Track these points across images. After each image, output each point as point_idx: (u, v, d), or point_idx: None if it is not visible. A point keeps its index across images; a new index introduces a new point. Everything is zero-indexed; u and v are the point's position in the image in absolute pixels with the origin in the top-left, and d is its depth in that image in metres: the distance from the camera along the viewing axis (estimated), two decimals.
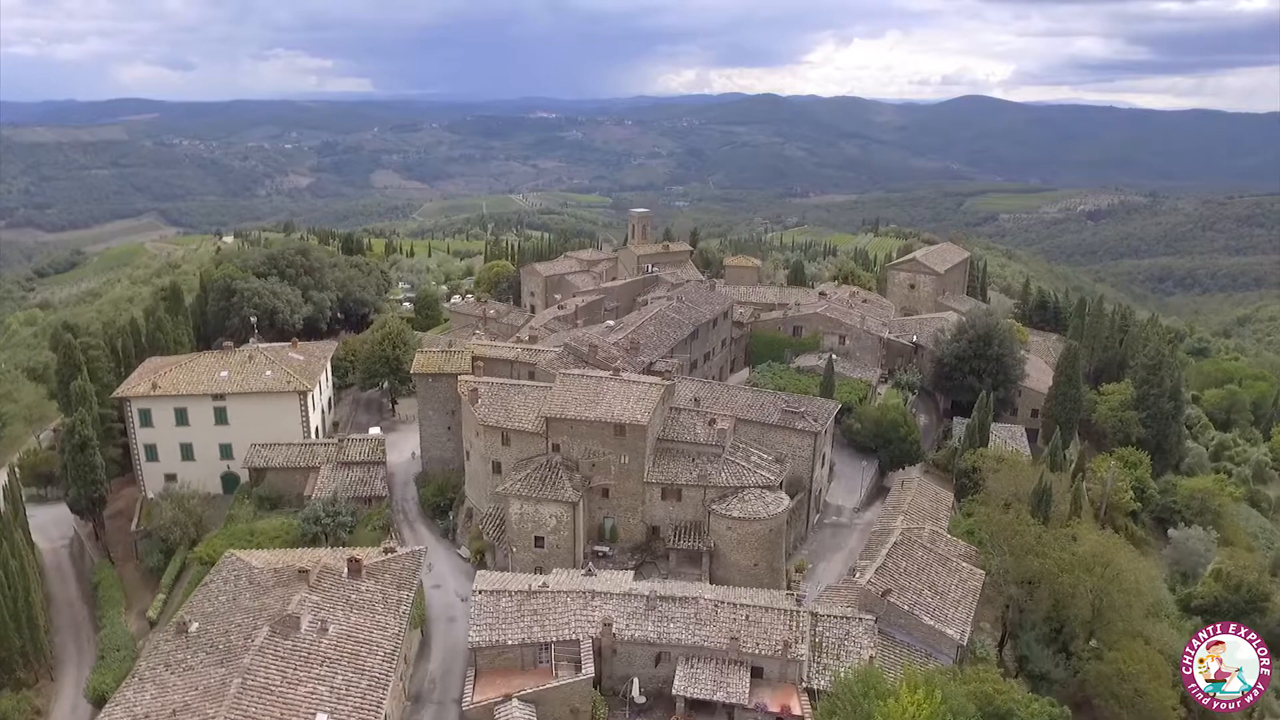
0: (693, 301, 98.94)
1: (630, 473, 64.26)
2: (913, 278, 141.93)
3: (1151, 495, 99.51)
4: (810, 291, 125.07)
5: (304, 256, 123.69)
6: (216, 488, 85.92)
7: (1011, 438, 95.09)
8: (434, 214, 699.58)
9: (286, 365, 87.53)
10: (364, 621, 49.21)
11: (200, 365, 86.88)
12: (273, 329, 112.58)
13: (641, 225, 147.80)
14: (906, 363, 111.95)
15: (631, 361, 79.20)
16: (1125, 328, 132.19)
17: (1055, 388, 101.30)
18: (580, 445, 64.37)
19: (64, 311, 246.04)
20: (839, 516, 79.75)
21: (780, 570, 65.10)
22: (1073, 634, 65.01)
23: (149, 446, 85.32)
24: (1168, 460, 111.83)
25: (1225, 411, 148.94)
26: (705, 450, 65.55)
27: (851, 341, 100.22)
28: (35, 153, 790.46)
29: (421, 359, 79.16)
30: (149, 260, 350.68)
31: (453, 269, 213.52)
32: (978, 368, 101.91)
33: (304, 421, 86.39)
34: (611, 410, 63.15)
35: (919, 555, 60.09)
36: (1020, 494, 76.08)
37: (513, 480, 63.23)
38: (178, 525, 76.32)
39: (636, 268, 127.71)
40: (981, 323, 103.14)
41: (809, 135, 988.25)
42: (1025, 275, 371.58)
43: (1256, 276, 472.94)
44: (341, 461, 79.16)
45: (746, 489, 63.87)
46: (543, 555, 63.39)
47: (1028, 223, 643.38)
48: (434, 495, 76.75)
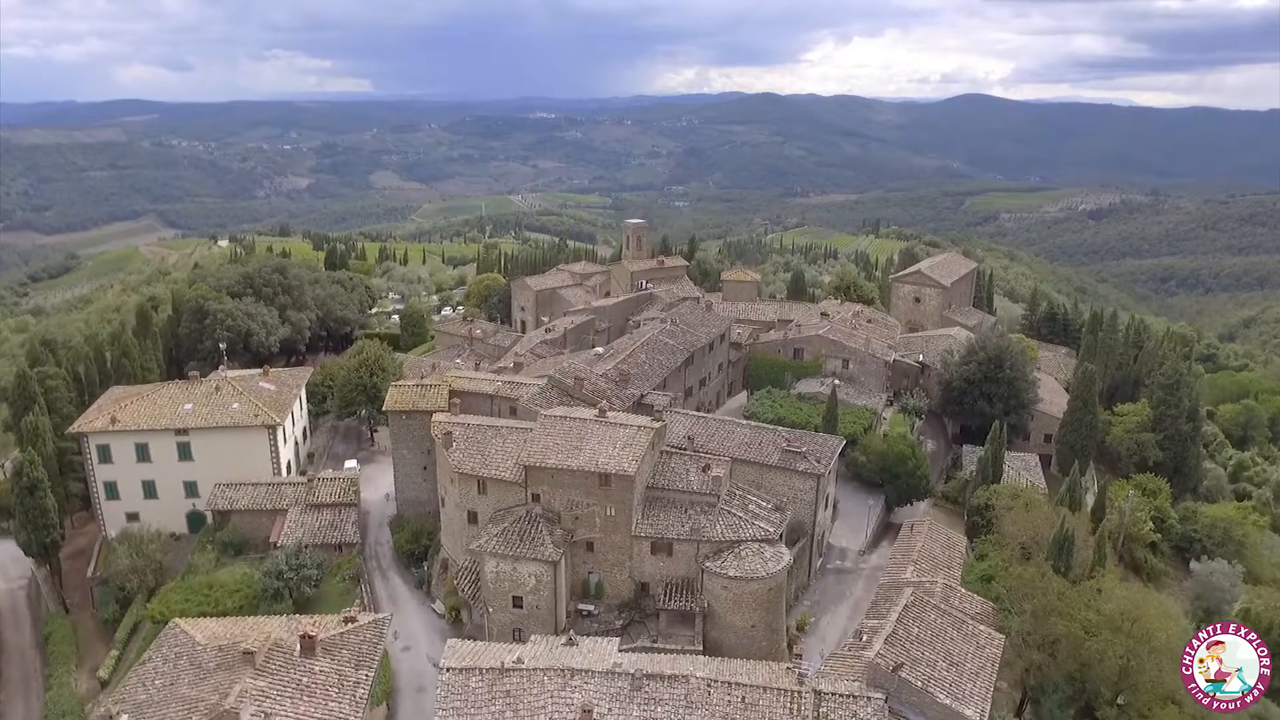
0: (688, 324, 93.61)
1: (617, 525, 58.99)
2: (918, 291, 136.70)
3: (1171, 525, 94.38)
4: (812, 308, 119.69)
5: (281, 275, 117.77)
6: (181, 526, 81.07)
7: (1026, 468, 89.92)
8: (433, 215, 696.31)
9: (255, 397, 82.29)
10: (314, 711, 43.96)
11: (163, 397, 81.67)
12: (247, 352, 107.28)
13: (636, 236, 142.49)
14: (913, 384, 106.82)
15: (621, 395, 74.07)
16: (1139, 344, 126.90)
17: (1070, 413, 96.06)
18: (562, 495, 59.09)
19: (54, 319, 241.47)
20: (843, 560, 74.52)
21: (780, 631, 59.87)
22: (1097, 693, 59.94)
23: (109, 484, 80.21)
24: (1186, 483, 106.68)
25: (1242, 427, 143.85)
26: (699, 499, 60.25)
27: (855, 365, 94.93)
28: (33, 154, 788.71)
29: (395, 394, 73.81)
30: (142, 266, 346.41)
31: (445, 278, 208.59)
32: (988, 391, 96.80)
33: (274, 457, 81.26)
34: (596, 458, 57.85)
35: (932, 619, 54.74)
36: (1038, 536, 71.07)
37: (488, 536, 57.94)
38: (135, 573, 71.36)
39: (630, 284, 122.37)
40: (992, 344, 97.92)
41: (808, 134, 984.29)
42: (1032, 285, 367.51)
43: (1260, 276, 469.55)
44: (310, 503, 73.98)
45: (744, 543, 58.58)
46: (521, 616, 58.18)
47: (1029, 222, 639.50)
48: (408, 542, 71.38)
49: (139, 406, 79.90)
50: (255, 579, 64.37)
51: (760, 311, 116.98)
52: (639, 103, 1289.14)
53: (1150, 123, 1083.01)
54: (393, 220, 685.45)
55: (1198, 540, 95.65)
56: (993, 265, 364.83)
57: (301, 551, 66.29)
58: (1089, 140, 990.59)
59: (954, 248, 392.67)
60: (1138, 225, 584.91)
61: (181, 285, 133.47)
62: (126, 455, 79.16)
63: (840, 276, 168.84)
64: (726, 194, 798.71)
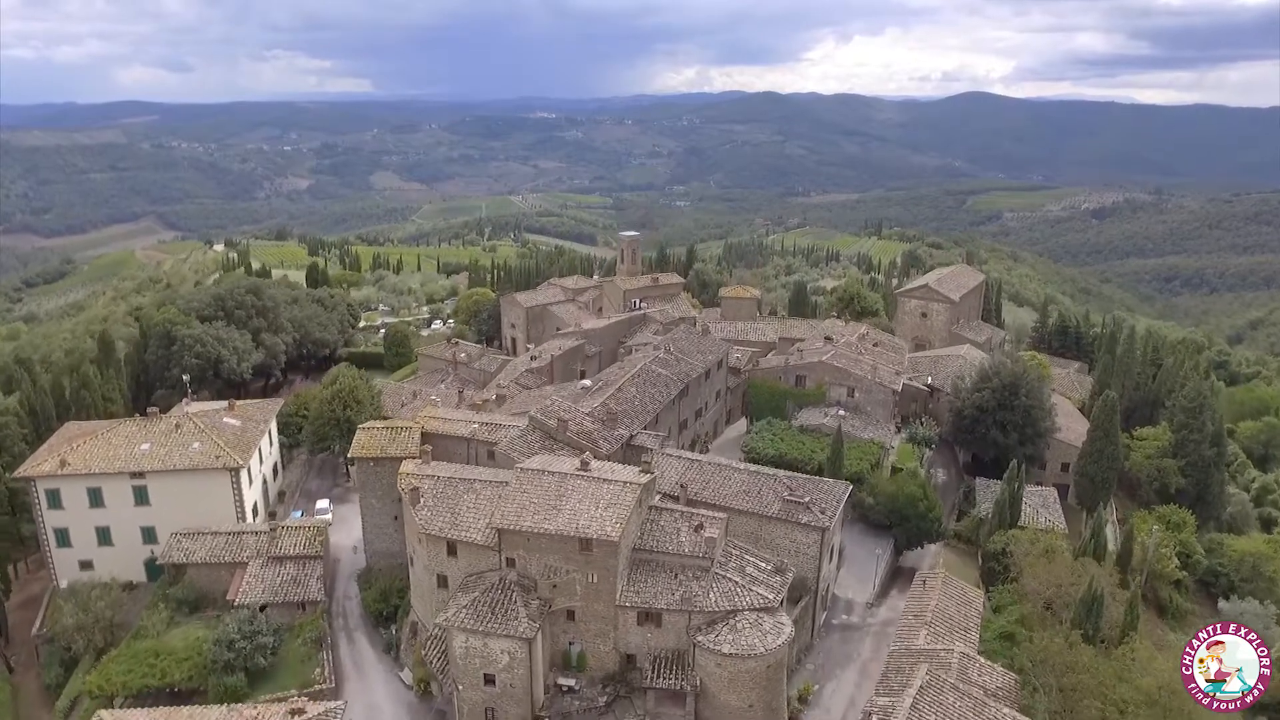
0: (682, 351, 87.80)
1: (599, 593, 53.26)
2: (925, 305, 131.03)
3: (1198, 561, 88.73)
4: (815, 326, 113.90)
5: (255, 296, 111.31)
6: (139, 574, 75.58)
7: (1044, 505, 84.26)
8: (432, 216, 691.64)
9: (218, 435, 76.57)
10: None
11: (119, 436, 75.88)
12: (218, 379, 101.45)
13: (631, 249, 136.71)
14: (921, 409, 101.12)
15: (608, 436, 68.34)
16: (1157, 361, 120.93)
17: (1091, 443, 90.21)
18: (539, 560, 53.36)
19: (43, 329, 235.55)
20: (849, 615, 68.74)
21: (781, 709, 54.07)
22: None
23: (59, 531, 74.51)
24: (1209, 511, 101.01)
25: (1263, 446, 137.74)
26: (690, 563, 54.48)
27: (861, 395, 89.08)
28: (33, 157, 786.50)
29: (363, 439, 68.00)
30: (136, 271, 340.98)
31: (437, 288, 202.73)
32: (1003, 419, 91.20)
33: (237, 501, 75.58)
34: (576, 520, 52.07)
35: (949, 701, 48.99)
36: (1062, 590, 65.51)
37: (456, 608, 52.17)
38: (81, 632, 65.75)
39: (623, 303, 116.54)
40: (1007, 370, 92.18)
41: (809, 133, 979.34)
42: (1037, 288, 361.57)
43: (1266, 276, 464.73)
44: (273, 555, 68.25)
45: (740, 613, 52.84)
46: (494, 695, 52.46)
47: (1031, 221, 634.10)
48: (376, 601, 65.67)
49: (91, 447, 74.19)
50: (206, 647, 58.71)
51: (760, 331, 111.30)
52: (639, 102, 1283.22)
53: (1152, 120, 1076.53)
54: (393, 221, 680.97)
55: (1224, 575, 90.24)
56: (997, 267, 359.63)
57: (256, 618, 60.58)
58: (1090, 138, 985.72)
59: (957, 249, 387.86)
60: (1141, 224, 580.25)
61: (148, 308, 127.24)
62: (78, 500, 73.50)
63: (844, 288, 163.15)
64: (727, 193, 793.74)
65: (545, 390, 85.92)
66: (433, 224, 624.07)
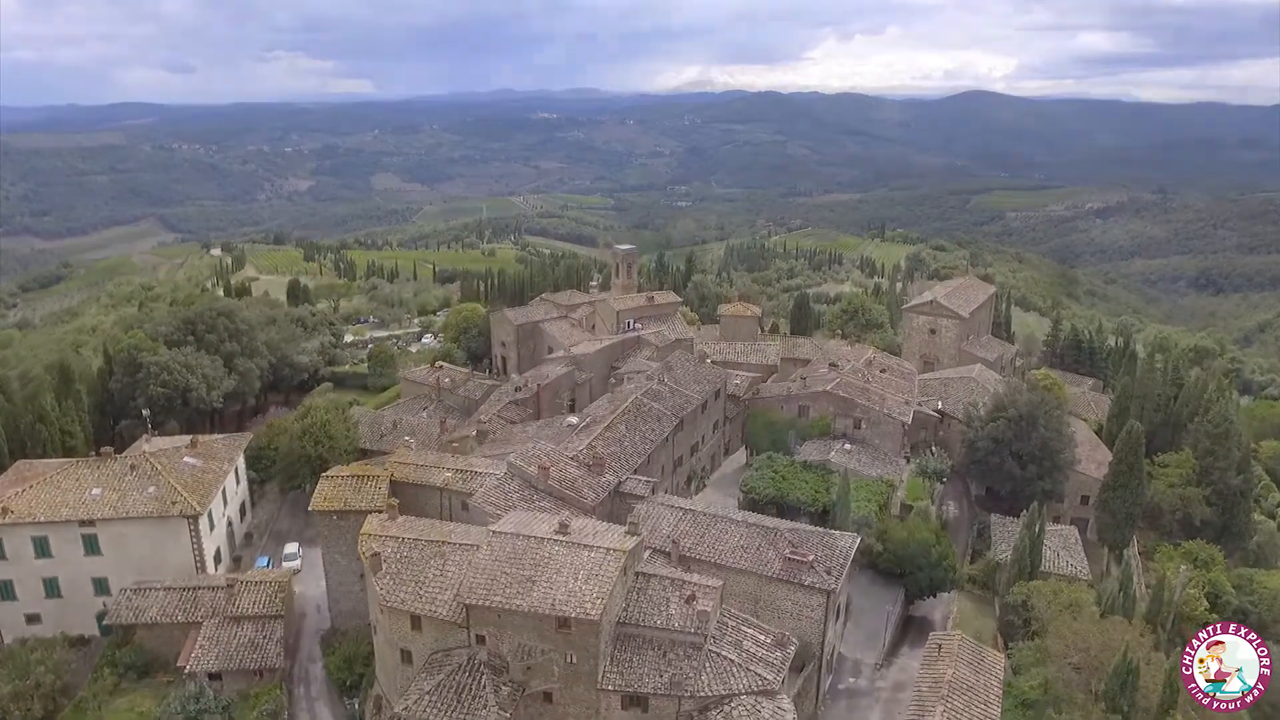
0: (678, 381, 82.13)
1: (579, 675, 47.66)
2: (933, 322, 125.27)
3: (1228, 601, 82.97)
4: (819, 346, 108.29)
5: (228, 319, 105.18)
6: (91, 628, 70.27)
7: (1065, 547, 78.59)
8: (433, 218, 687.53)
9: (176, 478, 71.02)
10: None
11: (69, 480, 70.33)
12: (187, 408, 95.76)
13: (626, 264, 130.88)
14: (931, 436, 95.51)
15: (594, 484, 62.78)
16: (1178, 381, 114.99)
17: (1114, 476, 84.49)
18: (511, 639, 47.76)
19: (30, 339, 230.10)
20: (856, 678, 62.99)
21: None
22: None
23: (3, 583, 69.17)
24: (1235, 543, 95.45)
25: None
26: (681, 639, 48.83)
27: (869, 426, 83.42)
28: (34, 159, 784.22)
29: (325, 490, 62.44)
30: (132, 276, 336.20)
31: (429, 299, 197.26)
32: (1019, 451, 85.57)
33: (195, 549, 70.15)
34: (552, 596, 46.46)
35: None
36: (1090, 653, 59.84)
37: (418, 694, 46.59)
38: (18, 701, 60.07)
39: (617, 324, 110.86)
40: (1023, 400, 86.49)
41: (811, 133, 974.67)
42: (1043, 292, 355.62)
43: (1273, 276, 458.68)
44: (230, 615, 62.64)
45: (736, 697, 47.23)
46: None
47: (1035, 221, 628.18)
48: (340, 669, 60.05)
49: (38, 493, 68.69)
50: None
51: (761, 353, 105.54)
52: (641, 102, 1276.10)
53: (1155, 119, 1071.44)
54: (394, 223, 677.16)
55: (1254, 613, 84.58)
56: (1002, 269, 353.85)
57: (204, 692, 55.01)
58: (1093, 136, 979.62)
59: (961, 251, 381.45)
60: (1146, 224, 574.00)
61: (114, 332, 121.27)
62: (23, 550, 68.06)
63: (848, 301, 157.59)
64: (729, 193, 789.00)
65: (529, 429, 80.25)
66: (433, 225, 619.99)
